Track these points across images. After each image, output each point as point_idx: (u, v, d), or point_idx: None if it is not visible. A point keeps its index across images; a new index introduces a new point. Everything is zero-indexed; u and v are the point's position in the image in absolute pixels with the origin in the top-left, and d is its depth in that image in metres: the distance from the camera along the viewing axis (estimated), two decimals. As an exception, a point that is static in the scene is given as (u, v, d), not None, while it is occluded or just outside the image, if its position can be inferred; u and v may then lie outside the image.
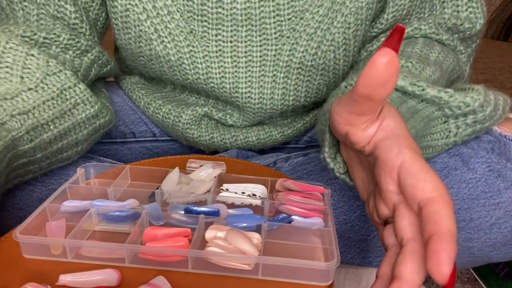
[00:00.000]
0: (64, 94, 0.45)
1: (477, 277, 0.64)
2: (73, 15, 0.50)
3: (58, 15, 0.50)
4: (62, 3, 0.49)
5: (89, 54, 0.52)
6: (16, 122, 0.39)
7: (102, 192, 0.42)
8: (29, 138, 0.41)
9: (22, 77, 0.42)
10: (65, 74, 0.46)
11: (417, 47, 0.49)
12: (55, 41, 0.47)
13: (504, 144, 0.46)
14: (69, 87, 0.46)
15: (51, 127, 0.43)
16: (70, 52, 0.49)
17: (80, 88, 0.46)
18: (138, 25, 0.50)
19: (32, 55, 0.44)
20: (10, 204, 0.48)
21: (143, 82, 0.63)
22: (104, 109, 0.50)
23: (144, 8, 0.49)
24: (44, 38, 0.47)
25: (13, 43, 0.44)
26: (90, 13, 0.53)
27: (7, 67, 0.42)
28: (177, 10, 0.49)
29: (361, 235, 0.49)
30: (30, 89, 0.42)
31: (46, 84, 0.44)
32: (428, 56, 0.47)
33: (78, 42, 0.49)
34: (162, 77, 0.57)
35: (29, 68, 0.43)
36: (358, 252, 0.51)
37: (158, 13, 0.49)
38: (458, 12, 0.52)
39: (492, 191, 0.45)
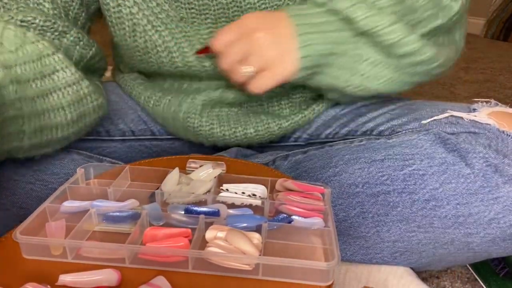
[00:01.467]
0: (43, 61, 0.46)
1: (477, 277, 0.64)
2: (51, 12, 0.51)
3: (37, 8, 0.50)
4: (41, 0, 0.50)
5: (67, 35, 0.52)
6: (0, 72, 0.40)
7: (102, 193, 0.42)
8: (14, 89, 0.41)
9: (1, 43, 0.43)
10: (43, 44, 0.46)
11: None
12: (32, 23, 0.48)
13: (502, 139, 0.46)
14: (48, 55, 0.46)
15: (33, 86, 0.44)
16: (48, 34, 0.50)
17: (58, 57, 0.47)
18: (131, 19, 0.52)
19: (9, 28, 0.45)
20: (10, 203, 0.48)
21: (142, 78, 0.63)
22: (84, 81, 0.50)
23: (134, 1, 0.51)
24: (21, 21, 0.47)
25: None
26: (70, 12, 0.53)
27: None
28: (165, 1, 0.52)
29: (361, 232, 0.49)
30: (10, 51, 0.43)
31: (26, 50, 0.44)
32: None
33: (54, 23, 0.50)
34: (161, 70, 0.57)
35: (7, 37, 0.44)
36: (358, 249, 0.51)
37: (148, 6, 0.52)
38: None
39: (490, 186, 0.45)
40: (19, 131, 0.43)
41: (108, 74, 1.38)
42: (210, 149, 0.63)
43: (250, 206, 0.42)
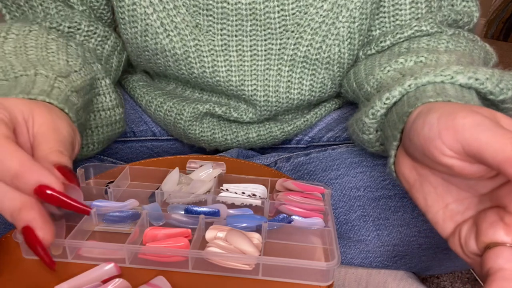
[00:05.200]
0: (94, 83, 0.48)
1: (477, 277, 0.64)
2: (80, 8, 0.53)
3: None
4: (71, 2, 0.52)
5: (109, 41, 0.54)
6: (75, 98, 0.41)
7: (102, 193, 0.42)
8: (81, 115, 0.43)
9: (67, 61, 0.45)
10: (97, 66, 0.49)
11: (423, 41, 0.49)
12: (78, 29, 0.51)
13: None
14: (98, 78, 0.49)
15: (84, 111, 0.45)
16: (93, 40, 0.53)
17: (106, 82, 0.50)
18: (145, 19, 0.51)
19: (71, 45, 0.48)
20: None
21: (145, 80, 0.63)
22: (118, 108, 0.52)
23: (150, 2, 0.50)
24: (68, 27, 0.50)
25: (54, 35, 0.47)
26: (95, 12, 0.55)
27: (53, 52, 0.45)
28: (183, 5, 0.50)
29: (361, 235, 0.49)
30: (75, 71, 0.45)
31: (86, 70, 0.47)
32: (436, 48, 0.47)
33: (97, 28, 0.53)
34: (167, 72, 0.57)
35: (71, 55, 0.46)
36: (358, 252, 0.51)
37: (164, 7, 0.50)
38: (453, 5, 0.52)
39: None
40: None
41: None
42: (211, 151, 0.63)
43: (250, 206, 0.42)
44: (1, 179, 0.29)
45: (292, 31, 0.51)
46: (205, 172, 0.45)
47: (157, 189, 0.42)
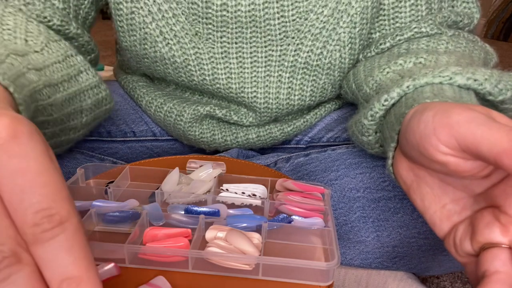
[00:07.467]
0: (68, 61, 0.45)
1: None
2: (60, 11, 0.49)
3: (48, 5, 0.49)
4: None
5: (73, 41, 0.51)
6: (33, 75, 0.38)
7: (101, 193, 0.42)
8: (47, 94, 0.40)
9: (26, 40, 0.42)
10: (65, 44, 0.45)
11: (422, 42, 0.49)
12: (49, 21, 0.47)
13: None
14: (71, 55, 0.46)
15: (61, 88, 0.42)
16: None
17: (80, 58, 0.47)
18: (143, 28, 0.51)
19: (32, 22, 0.43)
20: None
21: (144, 81, 0.63)
22: (103, 84, 0.50)
23: (149, 11, 0.49)
24: (37, 16, 0.46)
25: (12, 9, 0.43)
26: (81, 12, 0.53)
27: (9, 29, 0.41)
28: (182, 13, 0.49)
29: (361, 236, 0.49)
30: (36, 51, 0.42)
31: (50, 49, 0.43)
32: (436, 49, 0.47)
33: (67, 29, 0.49)
34: (166, 78, 0.57)
35: (31, 32, 0.42)
36: (358, 253, 0.51)
37: (163, 16, 0.50)
38: (453, 7, 0.52)
39: None
40: (42, 133, 0.42)
41: (108, 74, 1.38)
42: (211, 151, 0.63)
43: (250, 206, 0.42)
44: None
45: (293, 38, 0.51)
46: (205, 172, 0.45)
47: (157, 189, 0.42)
